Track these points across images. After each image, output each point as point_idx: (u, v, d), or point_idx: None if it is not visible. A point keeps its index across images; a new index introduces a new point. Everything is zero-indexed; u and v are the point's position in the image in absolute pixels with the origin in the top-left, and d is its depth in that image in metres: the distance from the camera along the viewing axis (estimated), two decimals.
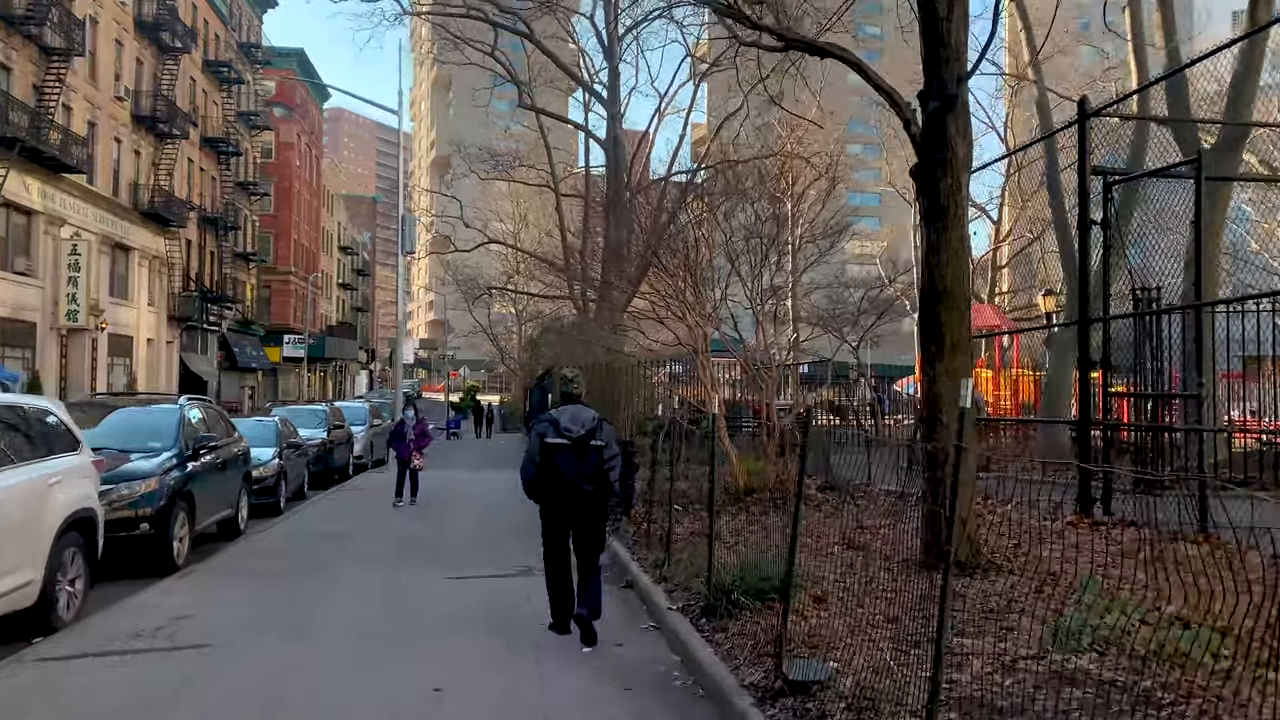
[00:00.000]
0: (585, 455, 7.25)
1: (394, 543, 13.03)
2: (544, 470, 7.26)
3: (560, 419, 7.31)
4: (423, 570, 10.71)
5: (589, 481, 7.29)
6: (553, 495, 7.33)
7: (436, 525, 14.64)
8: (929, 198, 8.24)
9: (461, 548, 12.49)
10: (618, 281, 24.41)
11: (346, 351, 76.31)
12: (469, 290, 49.15)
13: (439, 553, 12.05)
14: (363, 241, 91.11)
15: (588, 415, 7.42)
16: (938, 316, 8.31)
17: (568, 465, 7.21)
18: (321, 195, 76.38)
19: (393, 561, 11.44)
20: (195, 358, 45.79)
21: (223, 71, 49.70)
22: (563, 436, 7.22)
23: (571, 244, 37.37)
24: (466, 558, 11.65)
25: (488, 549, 12.23)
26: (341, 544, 12.75)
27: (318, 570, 10.82)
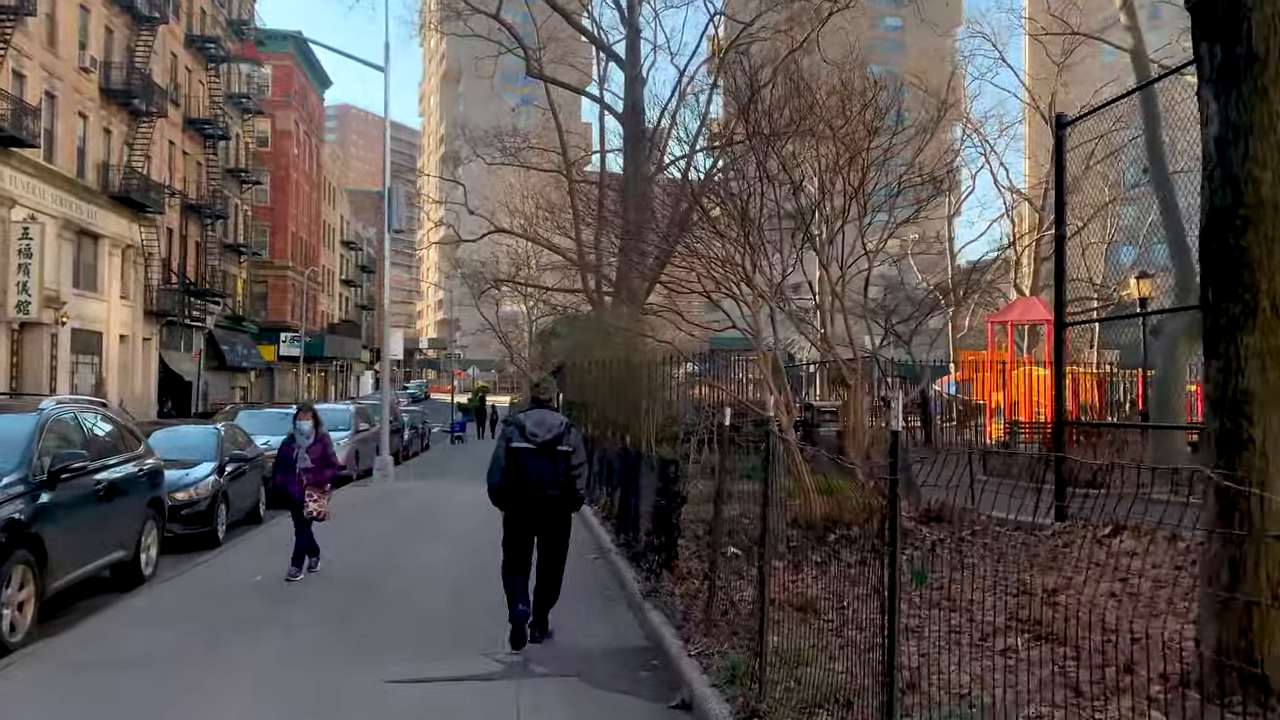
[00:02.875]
0: (552, 460, 7.24)
1: (350, 593, 9.53)
2: (510, 474, 7.26)
3: (526, 423, 7.32)
4: (384, 657, 7.19)
5: (555, 486, 7.26)
6: (518, 499, 7.29)
7: (401, 579, 11.12)
8: (1225, 39, 4.64)
9: (436, 613, 8.95)
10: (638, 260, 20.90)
11: (349, 350, 73.01)
12: (476, 284, 45.82)
13: (407, 622, 8.52)
14: (368, 237, 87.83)
15: (555, 420, 7.42)
16: (1244, 254, 4.63)
17: (534, 469, 7.21)
18: (323, 187, 73.18)
19: (335, 637, 7.92)
20: (177, 356, 42.49)
21: (209, 48, 46.41)
22: (528, 441, 7.22)
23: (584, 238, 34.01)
24: (436, 636, 8.11)
25: (471, 618, 8.68)
26: (274, 599, 9.27)
27: (213, 653, 7.33)
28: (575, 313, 32.95)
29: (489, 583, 8.06)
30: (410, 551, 12.03)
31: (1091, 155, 29.45)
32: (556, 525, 7.47)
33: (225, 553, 12.39)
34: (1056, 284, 11.18)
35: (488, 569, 8.21)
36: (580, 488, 7.46)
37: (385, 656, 7.18)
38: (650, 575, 8.58)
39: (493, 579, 7.85)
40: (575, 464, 7.35)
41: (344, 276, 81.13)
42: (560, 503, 7.37)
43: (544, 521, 7.38)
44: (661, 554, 8.44)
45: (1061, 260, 11.10)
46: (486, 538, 11.49)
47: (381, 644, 7.58)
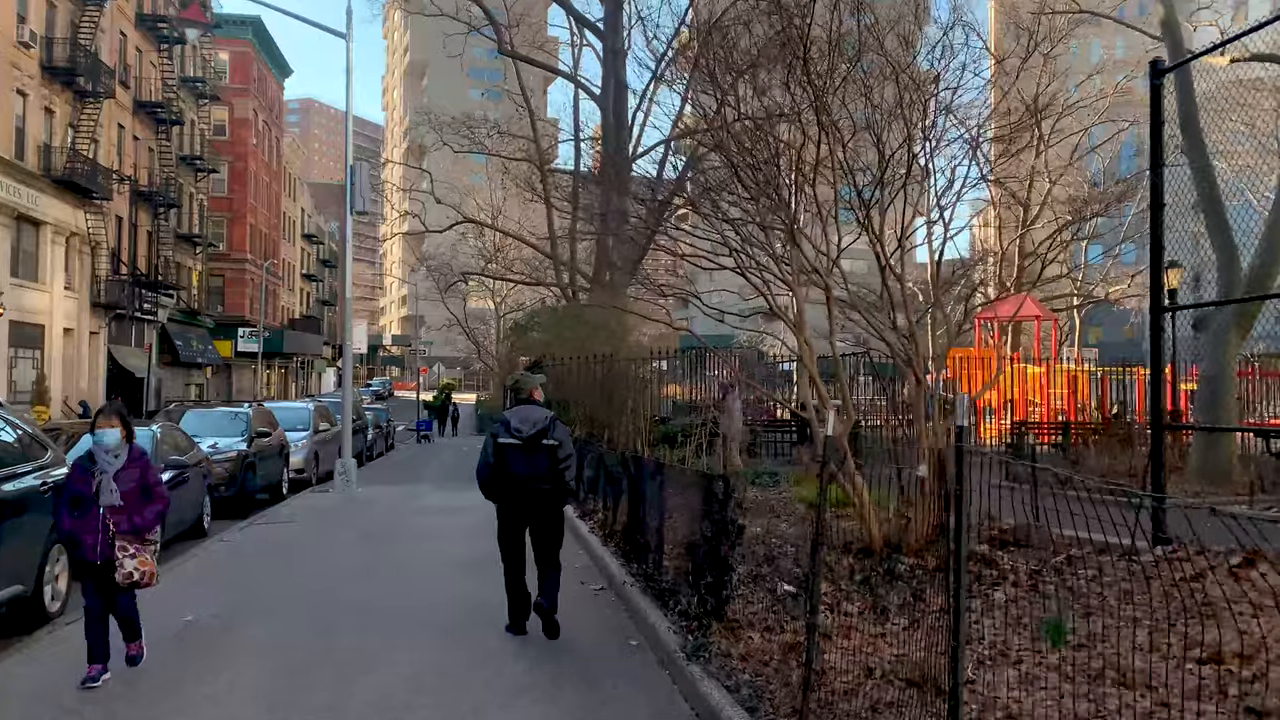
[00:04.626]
0: (537, 454, 7.22)
1: (281, 662, 7.42)
2: (498, 470, 7.25)
3: (511, 419, 7.32)
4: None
5: (543, 480, 7.24)
6: (508, 494, 7.29)
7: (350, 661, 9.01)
8: None
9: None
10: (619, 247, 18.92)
11: (309, 347, 70.21)
12: (443, 278, 43.53)
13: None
14: (330, 231, 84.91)
15: (539, 415, 7.37)
16: None
17: (520, 465, 7.21)
18: (283, 179, 70.33)
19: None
20: (127, 351, 39.79)
21: (161, 29, 43.66)
22: (513, 436, 7.22)
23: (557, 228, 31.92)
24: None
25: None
26: (188, 656, 7.14)
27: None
28: (554, 304, 30.81)
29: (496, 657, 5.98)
30: (370, 595, 9.77)
31: (1075, 149, 27.87)
32: (548, 519, 7.38)
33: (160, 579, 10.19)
34: (1153, 261, 9.33)
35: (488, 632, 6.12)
36: (569, 479, 7.37)
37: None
38: (692, 625, 6.55)
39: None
40: (562, 457, 7.27)
41: (305, 271, 78.21)
42: (549, 495, 7.30)
43: (535, 516, 7.33)
44: (708, 599, 6.43)
45: (1159, 234, 9.26)
46: (476, 570, 9.35)
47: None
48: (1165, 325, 10.58)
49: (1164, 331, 9.34)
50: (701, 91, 8.98)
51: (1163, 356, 9.30)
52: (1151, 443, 9.24)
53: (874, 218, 8.48)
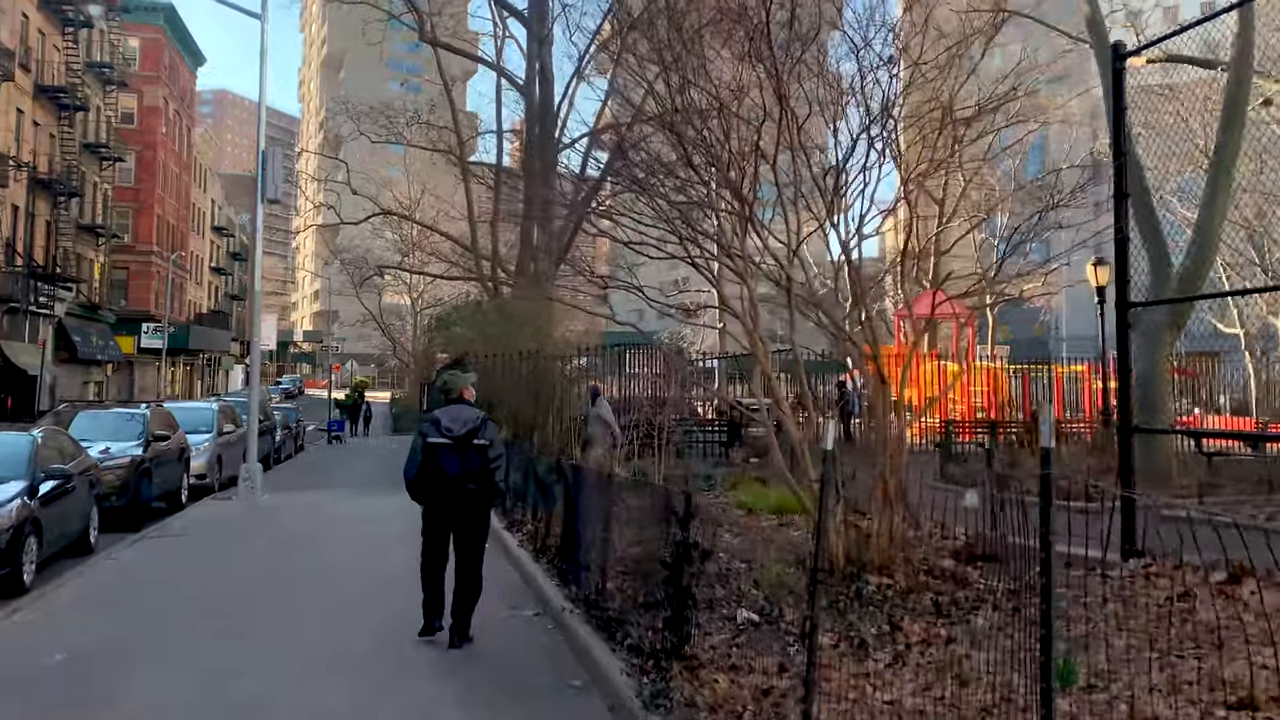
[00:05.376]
0: (468, 454, 7.09)
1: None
2: (427, 470, 7.10)
3: (442, 419, 7.20)
4: None
5: (472, 480, 7.10)
6: (436, 495, 7.13)
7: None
8: None
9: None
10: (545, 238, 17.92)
11: (217, 343, 67.31)
12: (357, 272, 41.88)
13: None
14: (241, 223, 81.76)
15: (471, 414, 7.25)
16: None
17: (450, 464, 7.08)
18: (194, 169, 67.32)
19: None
20: (19, 347, 37.23)
21: (65, 11, 41.06)
22: (444, 436, 7.10)
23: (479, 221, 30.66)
24: None
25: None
26: (50, 707, 5.98)
27: None
28: (477, 299, 29.58)
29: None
30: (274, 626, 8.59)
31: (990, 146, 27.78)
32: (474, 520, 7.24)
33: (31, 606, 8.89)
34: (1118, 255, 8.72)
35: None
36: (498, 480, 7.26)
37: None
38: (647, 665, 5.63)
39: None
40: (493, 457, 7.16)
41: (214, 264, 75.12)
42: (478, 496, 7.17)
43: (461, 516, 7.17)
44: (667, 634, 5.51)
45: (1123, 226, 8.66)
46: (396, 591, 8.13)
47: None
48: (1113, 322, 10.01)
49: (1131, 328, 8.73)
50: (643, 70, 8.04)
51: (1129, 353, 8.70)
52: (1120, 447, 8.63)
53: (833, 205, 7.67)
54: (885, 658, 5.64)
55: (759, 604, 6.78)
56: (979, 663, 5.53)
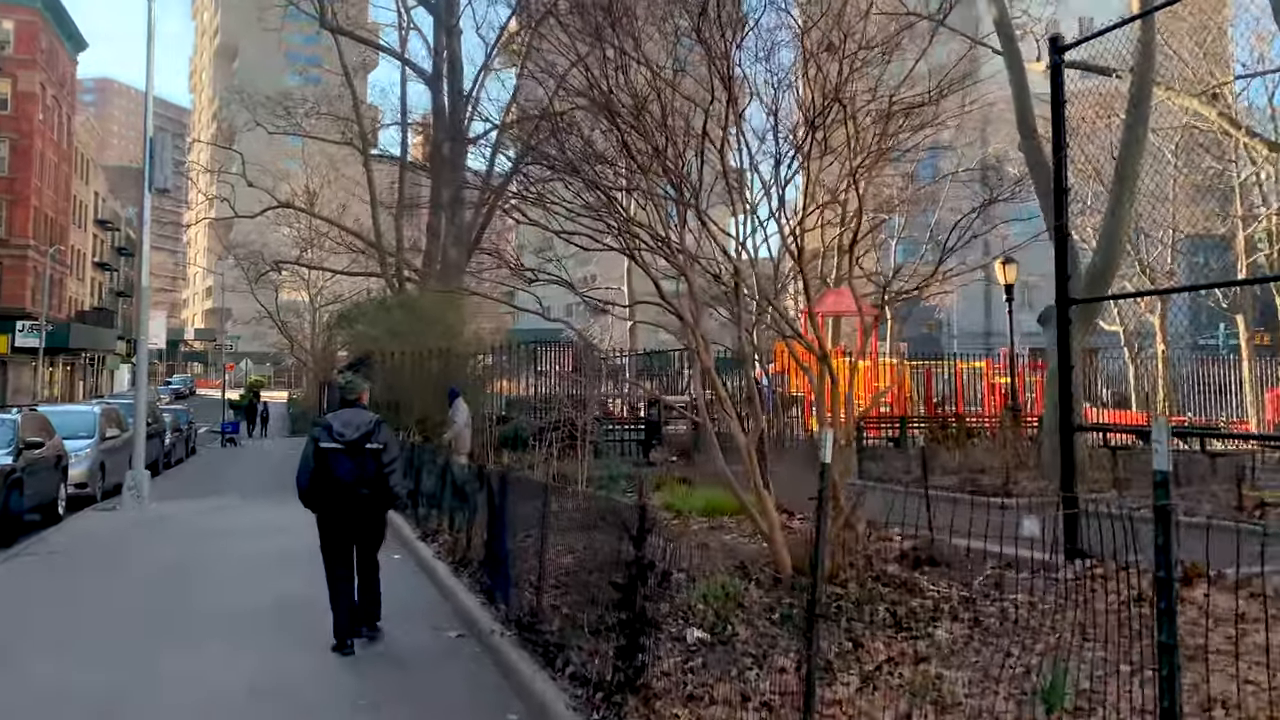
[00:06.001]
0: (362, 459, 6.89)
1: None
2: (320, 475, 6.88)
3: (334, 423, 7.00)
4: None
5: (367, 485, 6.90)
6: (330, 501, 6.92)
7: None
8: None
9: None
10: (451, 231, 17.08)
11: (101, 342, 63.94)
12: (252, 267, 40.07)
13: None
14: (127, 217, 77.86)
15: (364, 418, 7.04)
16: None
17: (343, 469, 6.87)
18: (74, 159, 63.78)
19: None
20: None
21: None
22: (336, 441, 6.90)
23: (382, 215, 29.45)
24: None
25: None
26: None
27: None
28: (381, 295, 28.42)
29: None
30: (157, 663, 7.48)
31: (885, 153, 28.01)
32: (370, 526, 7.10)
33: None
34: (1058, 251, 8.47)
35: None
36: (394, 484, 7.06)
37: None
38: (595, 698, 5.03)
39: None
40: (387, 461, 6.97)
41: (98, 259, 71.37)
42: (372, 501, 6.99)
43: (357, 522, 7.00)
44: (619, 664, 4.91)
45: (1063, 222, 8.41)
46: (295, 616, 7.29)
47: None
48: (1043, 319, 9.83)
49: (1070, 324, 8.49)
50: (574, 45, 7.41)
51: (1070, 350, 8.46)
52: (1061, 446, 8.38)
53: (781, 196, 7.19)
54: (854, 680, 5.14)
55: (708, 620, 6.23)
56: (955, 683, 5.10)
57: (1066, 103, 8.33)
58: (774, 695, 4.95)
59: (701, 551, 8.56)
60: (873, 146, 7.06)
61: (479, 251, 22.57)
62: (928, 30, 9.66)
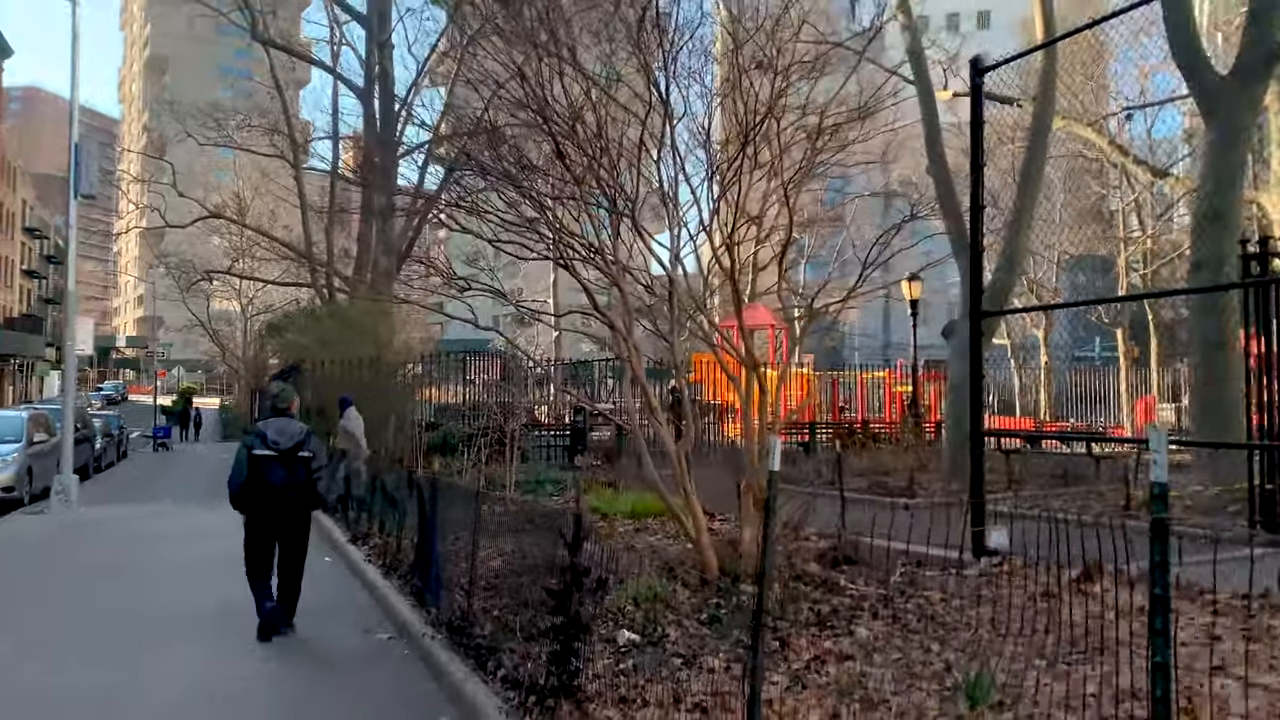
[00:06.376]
0: (294, 466, 7.02)
1: None
2: (252, 481, 6.99)
3: (268, 431, 7.08)
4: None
5: (297, 490, 7.04)
6: (261, 505, 7.03)
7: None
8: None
9: None
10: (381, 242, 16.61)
11: (30, 348, 61.09)
12: (183, 276, 38.65)
13: None
14: (56, 225, 74.58)
15: (296, 428, 7.20)
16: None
17: (276, 476, 6.98)
18: (1, 167, 60.88)
19: None
20: None
21: None
22: (270, 448, 7.00)
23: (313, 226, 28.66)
24: None
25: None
26: None
27: None
28: (311, 305, 27.60)
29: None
30: (83, 677, 6.91)
31: (796, 174, 28.44)
32: (298, 526, 7.23)
33: None
34: (973, 266, 8.49)
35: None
36: (321, 489, 7.24)
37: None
38: (528, 702, 4.77)
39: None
40: (316, 468, 7.16)
41: (26, 267, 68.23)
42: (301, 505, 7.16)
43: (286, 523, 7.12)
44: (553, 669, 4.67)
45: (978, 238, 8.44)
46: (229, 623, 6.85)
47: None
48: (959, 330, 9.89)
49: (982, 336, 8.51)
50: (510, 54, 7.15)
51: (982, 359, 8.49)
52: (971, 451, 8.38)
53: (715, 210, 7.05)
54: (783, 680, 4.98)
55: (638, 621, 6.02)
56: (880, 680, 4.97)
57: (970, 132, 8.36)
58: (705, 696, 4.76)
59: (629, 553, 8.37)
60: (802, 162, 6.95)
61: (410, 261, 22.13)
62: (850, 57, 9.69)
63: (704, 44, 7.25)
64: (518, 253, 7.23)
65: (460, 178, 8.39)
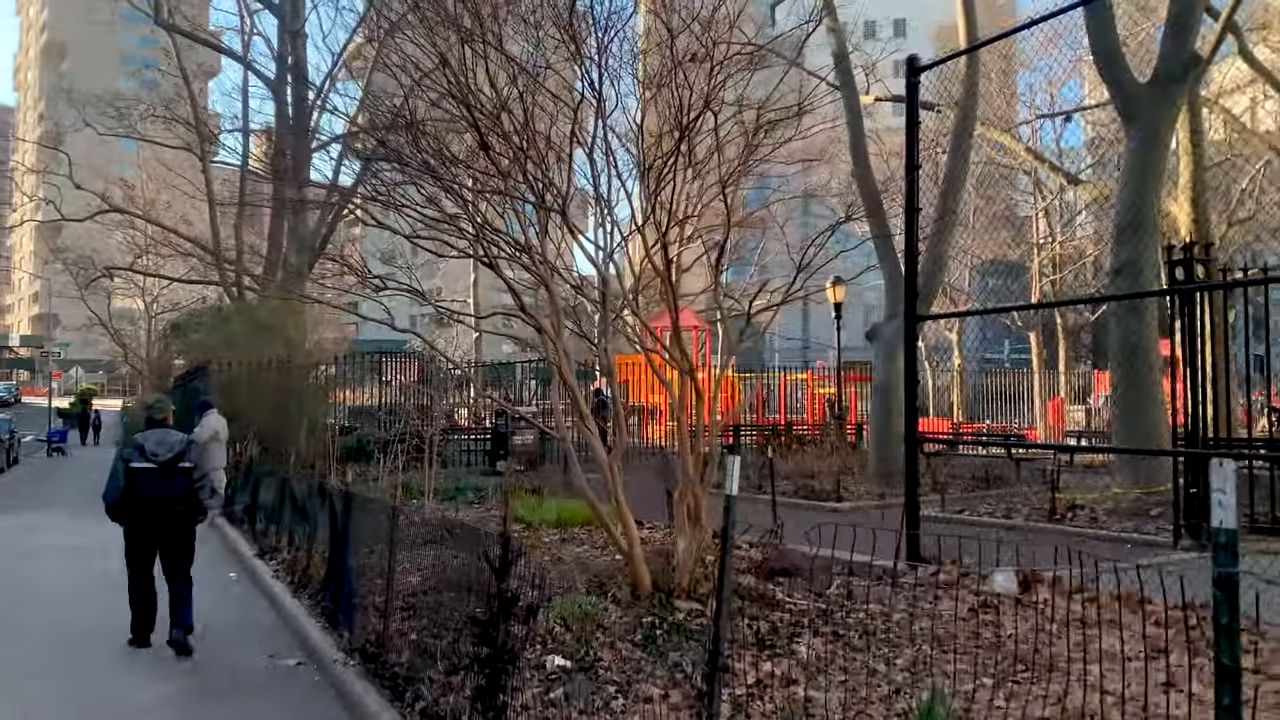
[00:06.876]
0: (173, 477, 6.86)
1: None
2: (130, 494, 6.80)
3: (146, 443, 6.93)
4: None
5: (179, 502, 6.88)
6: (141, 517, 6.83)
7: None
8: None
9: None
10: (294, 239, 15.86)
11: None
12: (82, 273, 36.74)
13: None
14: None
15: (175, 439, 7.04)
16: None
17: (155, 488, 6.81)
18: None
19: None
20: None
21: None
22: (149, 460, 6.83)
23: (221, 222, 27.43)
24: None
25: None
26: None
27: None
28: (218, 305, 26.40)
29: None
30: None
31: (726, 178, 28.52)
32: (181, 537, 7.02)
33: None
34: (907, 269, 8.33)
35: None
36: (204, 500, 7.07)
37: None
38: None
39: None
40: (197, 478, 7.01)
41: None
42: (185, 516, 6.97)
43: (168, 535, 6.92)
44: (478, 705, 4.26)
45: (913, 241, 8.27)
46: (110, 648, 6.32)
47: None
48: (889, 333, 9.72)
49: (917, 339, 8.35)
50: (432, 39, 6.67)
51: (916, 364, 8.32)
52: (906, 457, 8.21)
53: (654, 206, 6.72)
54: (727, 708, 4.65)
55: (568, 644, 5.63)
56: (828, 707, 4.68)
57: (905, 131, 8.20)
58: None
59: (556, 566, 7.97)
60: (740, 160, 6.66)
61: (323, 259, 21.29)
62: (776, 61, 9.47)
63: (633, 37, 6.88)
64: (438, 250, 6.77)
65: (377, 171, 7.86)
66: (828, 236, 8.36)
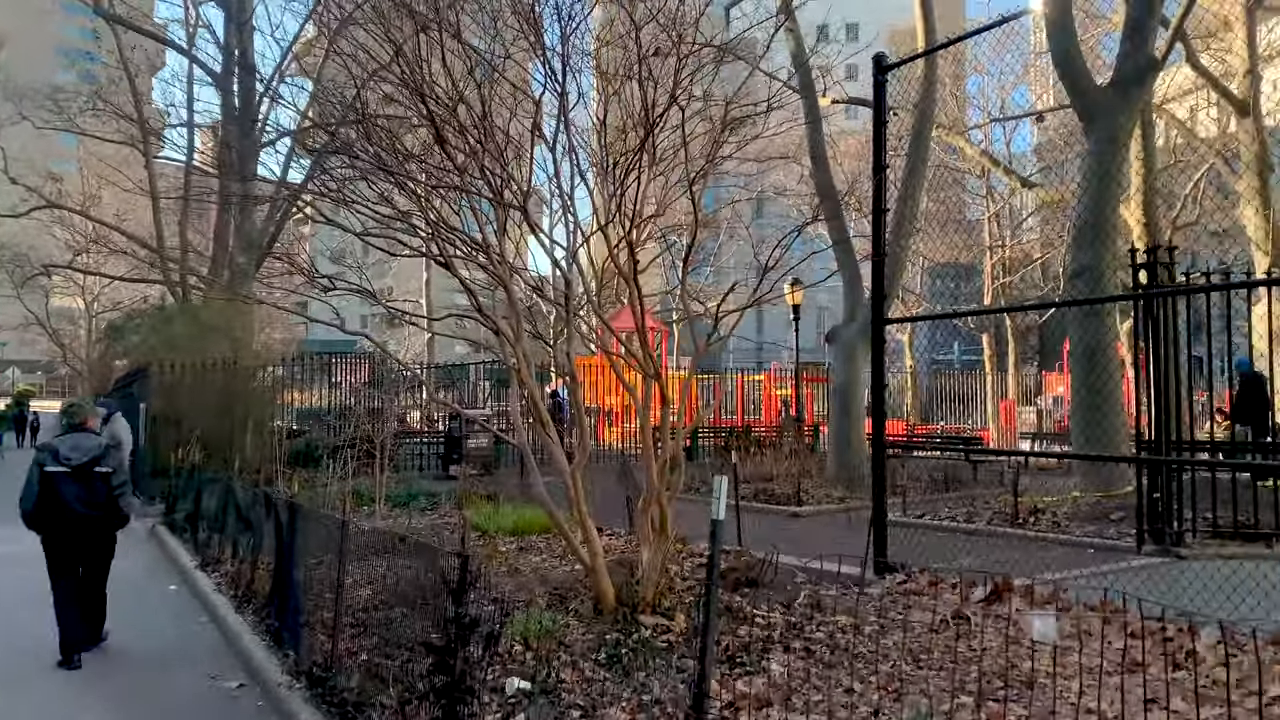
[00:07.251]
0: (90, 482, 6.69)
1: None
2: (45, 499, 6.60)
3: (60, 447, 6.74)
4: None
5: (96, 508, 6.69)
6: (57, 524, 6.63)
7: None
8: None
9: None
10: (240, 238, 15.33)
11: None
12: (18, 271, 35.49)
13: None
14: None
15: (92, 443, 6.87)
16: None
17: (71, 493, 6.62)
18: None
19: None
20: None
21: None
22: (63, 465, 6.65)
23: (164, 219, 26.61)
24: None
25: None
26: None
27: None
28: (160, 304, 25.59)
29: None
30: None
31: (683, 179, 28.40)
32: (99, 544, 6.88)
33: None
34: (875, 271, 8.15)
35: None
36: (124, 506, 6.86)
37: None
38: None
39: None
40: (116, 484, 6.79)
41: None
42: (101, 522, 6.78)
43: (85, 542, 6.76)
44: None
45: (880, 242, 8.10)
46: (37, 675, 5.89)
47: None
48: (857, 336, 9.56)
49: (885, 342, 8.17)
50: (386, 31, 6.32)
51: (884, 368, 8.14)
52: (873, 463, 8.03)
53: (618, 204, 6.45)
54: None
55: (528, 664, 5.33)
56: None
57: (872, 132, 8.02)
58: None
59: (514, 577, 7.66)
60: (706, 157, 6.41)
61: (271, 257, 20.68)
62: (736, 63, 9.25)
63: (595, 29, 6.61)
64: (390, 248, 6.43)
65: (328, 166, 7.48)
66: (794, 238, 8.17)
